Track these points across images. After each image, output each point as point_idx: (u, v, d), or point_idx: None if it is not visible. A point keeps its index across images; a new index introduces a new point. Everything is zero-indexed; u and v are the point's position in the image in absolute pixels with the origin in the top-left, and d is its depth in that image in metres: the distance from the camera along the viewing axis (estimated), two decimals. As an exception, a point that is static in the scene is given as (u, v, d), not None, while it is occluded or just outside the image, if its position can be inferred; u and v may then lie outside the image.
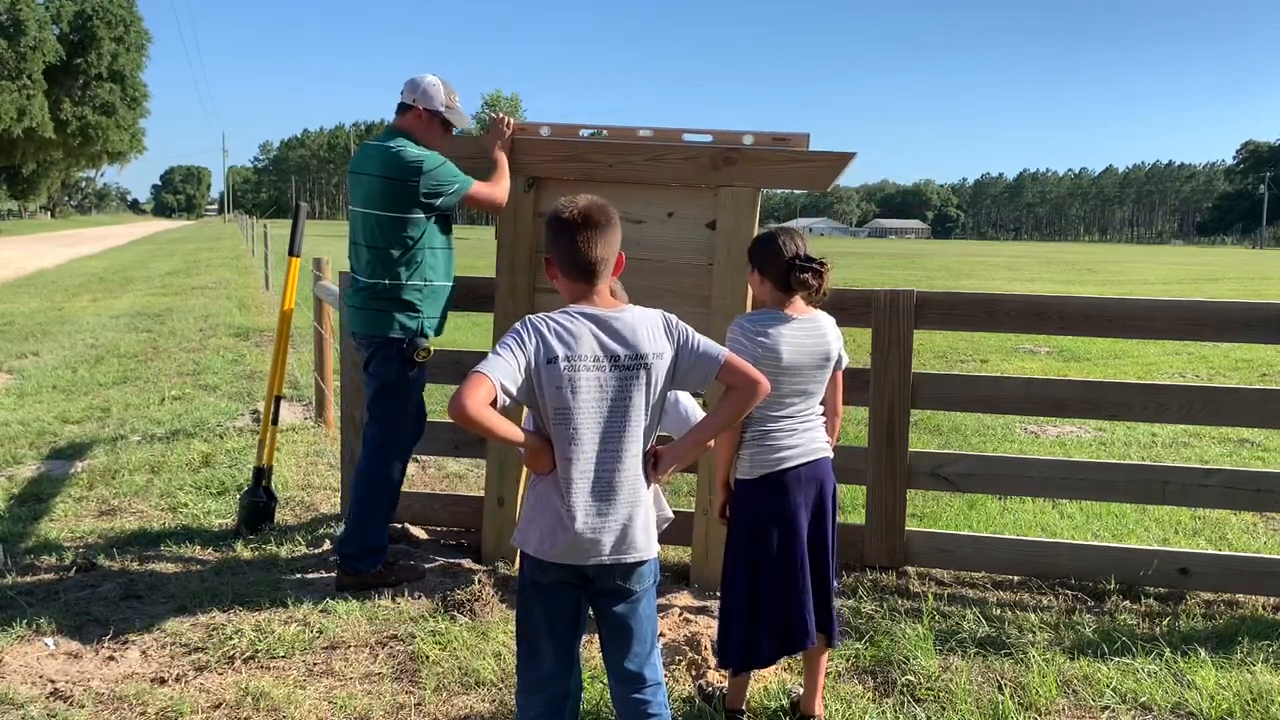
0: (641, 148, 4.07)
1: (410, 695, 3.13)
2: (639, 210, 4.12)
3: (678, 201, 4.10)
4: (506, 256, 4.23)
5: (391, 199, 3.82)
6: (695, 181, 4.05)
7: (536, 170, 4.18)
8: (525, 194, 4.18)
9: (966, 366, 10.44)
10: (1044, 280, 26.80)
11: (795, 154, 3.95)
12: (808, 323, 2.86)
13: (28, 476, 5.62)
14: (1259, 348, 11.02)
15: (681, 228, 4.10)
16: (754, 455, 2.82)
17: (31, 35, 53.50)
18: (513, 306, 4.18)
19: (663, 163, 4.05)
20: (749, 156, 3.97)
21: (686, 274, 4.08)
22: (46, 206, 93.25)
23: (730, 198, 3.98)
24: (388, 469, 4.02)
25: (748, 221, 3.95)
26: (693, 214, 4.08)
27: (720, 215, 4.00)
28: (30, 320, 12.87)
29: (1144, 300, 4.09)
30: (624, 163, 4.09)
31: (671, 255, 4.09)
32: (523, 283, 4.21)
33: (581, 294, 2.31)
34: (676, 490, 5.38)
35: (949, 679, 3.24)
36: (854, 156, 3.91)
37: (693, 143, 4.05)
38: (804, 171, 3.97)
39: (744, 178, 3.98)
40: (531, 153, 4.18)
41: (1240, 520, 5.06)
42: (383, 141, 3.92)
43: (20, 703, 3.03)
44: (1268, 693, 3.15)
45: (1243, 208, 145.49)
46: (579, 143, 4.16)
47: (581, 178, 4.08)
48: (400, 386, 3.98)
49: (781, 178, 4.00)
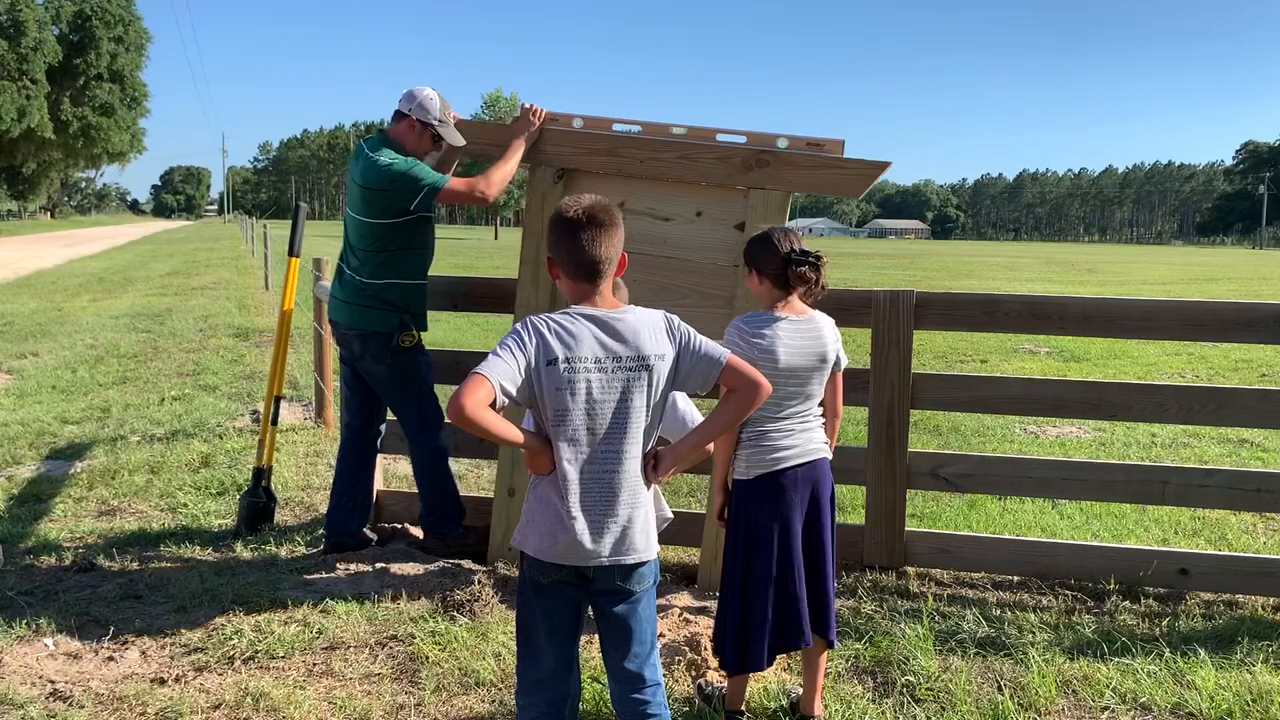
0: (675, 145, 4.06)
1: (410, 695, 3.13)
2: (668, 208, 4.12)
3: (707, 201, 4.08)
4: (532, 248, 4.20)
5: (371, 206, 4.00)
6: (726, 182, 4.03)
7: (567, 162, 4.16)
8: (554, 185, 4.17)
9: (966, 366, 10.44)
10: (1044, 280, 26.80)
11: (829, 160, 3.93)
12: (805, 324, 2.86)
13: (27, 477, 5.62)
14: (1259, 348, 11.03)
15: (709, 227, 4.08)
16: (751, 456, 2.82)
17: (32, 36, 53.44)
18: (535, 298, 4.18)
19: (695, 161, 4.03)
20: (782, 160, 3.95)
21: (712, 274, 4.07)
22: (46, 207, 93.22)
23: (760, 200, 3.97)
24: (436, 445, 4.27)
25: (776, 224, 3.93)
26: (721, 214, 4.07)
27: (749, 217, 3.98)
28: (30, 320, 12.87)
29: (1144, 300, 4.09)
30: (656, 159, 4.07)
31: (698, 255, 4.08)
32: (545, 277, 4.20)
33: (584, 294, 2.31)
34: (678, 490, 5.38)
35: (949, 679, 3.24)
36: (888, 166, 3.89)
37: (726, 143, 4.03)
38: (836, 178, 3.95)
39: (775, 181, 3.96)
40: (563, 144, 4.16)
41: (1240, 520, 5.06)
42: (368, 150, 4.03)
43: (20, 703, 3.03)
44: (1267, 693, 3.15)
45: (1242, 208, 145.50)
46: (612, 136, 4.14)
47: (612, 171, 4.08)
48: (402, 371, 4.15)
49: (814, 183, 3.99)
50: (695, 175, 4.05)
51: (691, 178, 4.06)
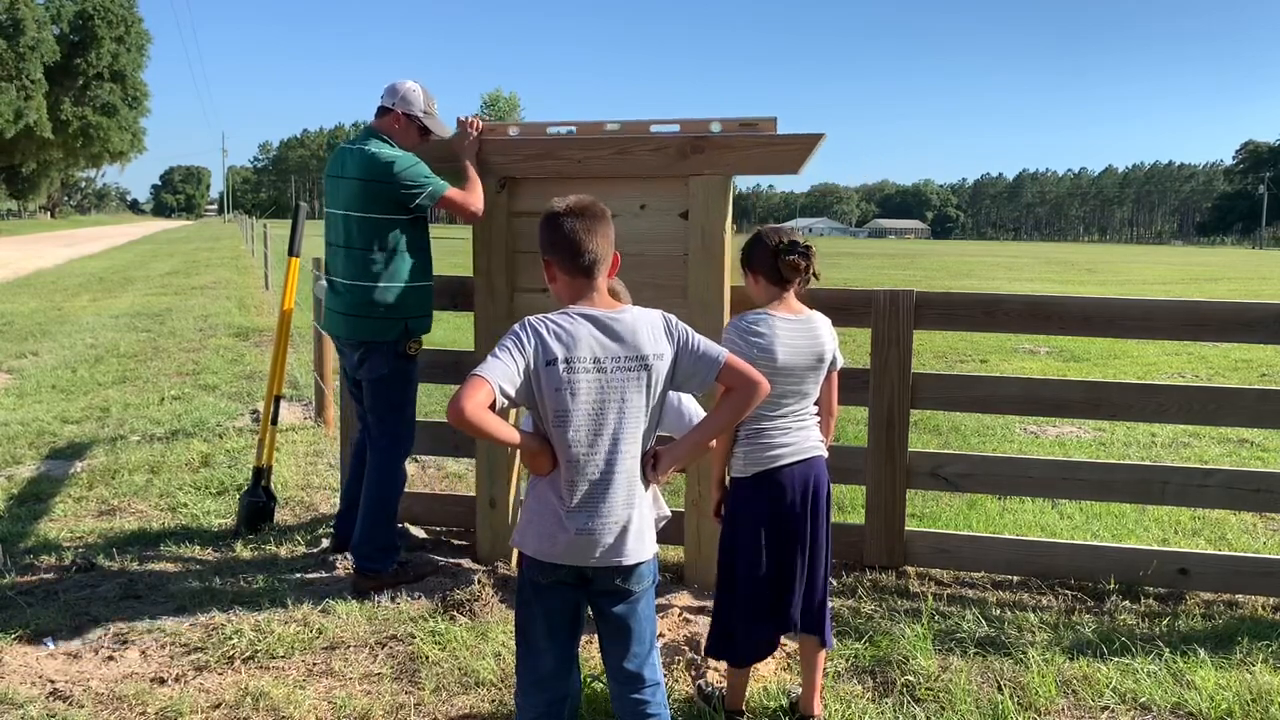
0: (608, 141, 4.05)
1: (410, 695, 3.13)
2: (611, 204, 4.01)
3: (649, 194, 4.06)
4: (483, 260, 4.21)
5: (368, 200, 3.88)
6: (665, 172, 4.01)
7: (508, 170, 4.16)
8: (498, 194, 4.15)
9: (966, 366, 10.44)
10: (1044, 280, 26.81)
11: (763, 138, 3.91)
12: (802, 323, 2.87)
13: (27, 476, 5.62)
14: (1259, 348, 11.03)
15: (655, 220, 4.06)
16: (748, 453, 2.83)
17: (30, 35, 53.44)
18: (492, 309, 4.18)
19: (631, 155, 4.02)
20: (717, 144, 3.93)
21: (663, 266, 4.04)
22: (46, 206, 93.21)
23: (701, 186, 3.95)
24: (395, 469, 4.07)
25: (719, 210, 3.93)
26: (665, 205, 4.05)
27: (692, 205, 3.97)
28: (30, 320, 12.87)
29: (1144, 300, 4.09)
30: (592, 157, 4.06)
31: (648, 248, 4.05)
32: (500, 284, 4.19)
33: (581, 291, 2.31)
34: (676, 490, 5.38)
35: (948, 679, 3.24)
36: (822, 138, 3.86)
37: (660, 134, 4.02)
38: (773, 156, 3.92)
39: (713, 165, 3.94)
40: (502, 153, 4.15)
41: (1240, 520, 5.06)
42: (358, 144, 3.96)
43: (20, 703, 3.03)
44: (1267, 693, 3.15)
45: (1242, 208, 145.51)
46: (547, 140, 4.14)
47: (552, 175, 4.07)
48: (399, 385, 4.02)
49: (751, 163, 3.96)
50: (633, 169, 4.04)
51: (630, 171, 4.05)
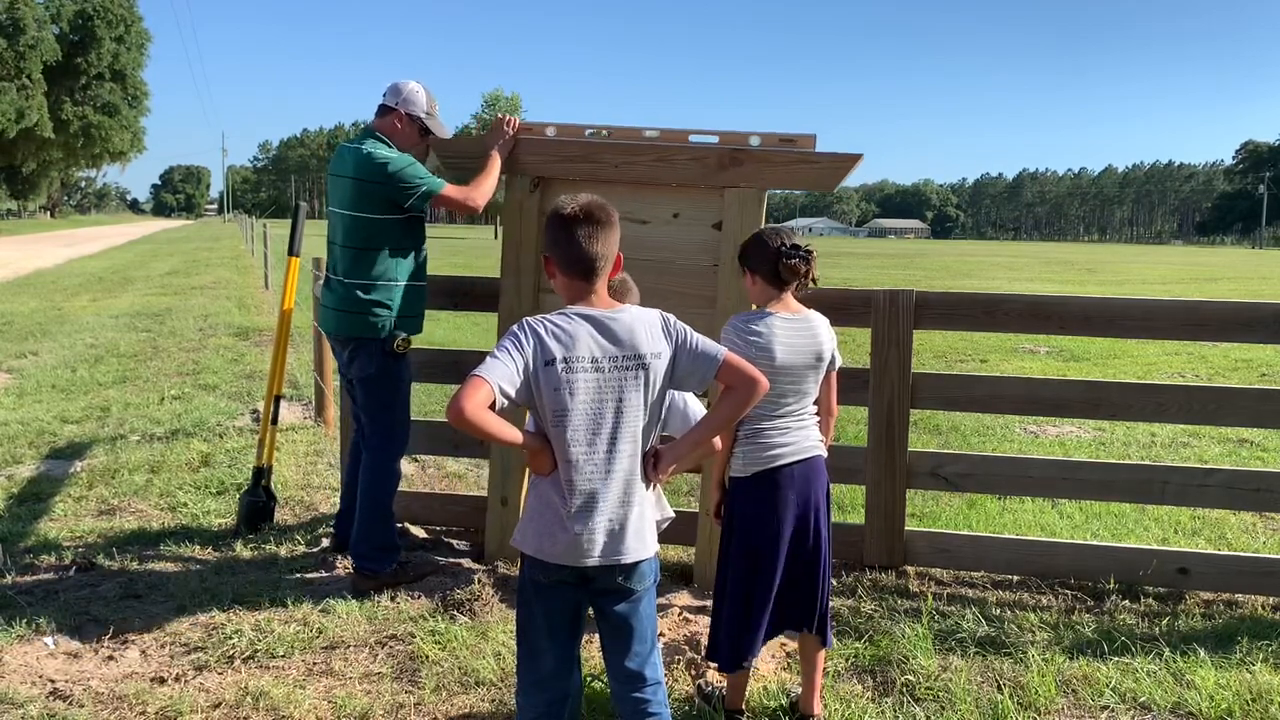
0: (649, 148, 4.07)
1: (410, 695, 3.13)
2: (644, 211, 4.12)
3: (683, 202, 4.09)
4: (512, 258, 4.22)
5: (364, 200, 3.88)
6: (701, 182, 4.04)
7: (542, 170, 4.17)
8: (530, 194, 4.17)
9: (966, 366, 10.44)
10: (1044, 280, 26.81)
11: (802, 155, 3.95)
12: (801, 322, 2.88)
13: (27, 476, 5.62)
14: (1259, 348, 11.03)
15: (687, 229, 4.09)
16: (747, 453, 2.83)
17: (30, 34, 53.41)
18: (518, 308, 4.17)
19: (670, 163, 4.04)
20: (756, 158, 3.96)
21: (692, 275, 4.07)
22: (46, 206, 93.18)
23: (736, 198, 3.98)
24: (390, 468, 4.06)
25: (753, 222, 3.94)
26: (698, 215, 4.07)
27: (726, 216, 3.99)
28: (29, 320, 12.87)
29: (1144, 300, 4.09)
30: (631, 163, 4.08)
31: (677, 256, 4.09)
32: (528, 284, 4.20)
33: (580, 292, 2.31)
34: (677, 490, 5.38)
35: (948, 679, 3.24)
36: (860, 158, 3.91)
37: (699, 144, 4.04)
38: (810, 173, 3.96)
39: (750, 179, 3.97)
40: (537, 152, 4.16)
41: (1240, 520, 5.07)
42: (356, 143, 3.96)
43: (20, 702, 3.03)
44: (1267, 693, 3.15)
45: (1242, 208, 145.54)
46: (586, 143, 4.15)
47: (587, 178, 4.07)
48: (388, 383, 4.01)
49: (788, 179, 4.00)
50: (671, 177, 4.06)
51: (668, 180, 4.07)
